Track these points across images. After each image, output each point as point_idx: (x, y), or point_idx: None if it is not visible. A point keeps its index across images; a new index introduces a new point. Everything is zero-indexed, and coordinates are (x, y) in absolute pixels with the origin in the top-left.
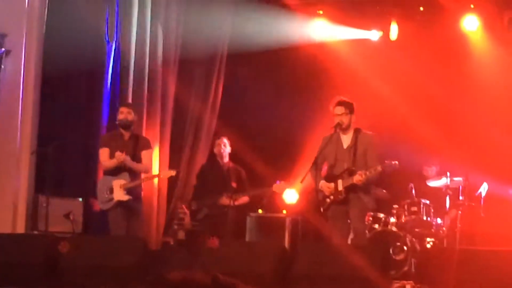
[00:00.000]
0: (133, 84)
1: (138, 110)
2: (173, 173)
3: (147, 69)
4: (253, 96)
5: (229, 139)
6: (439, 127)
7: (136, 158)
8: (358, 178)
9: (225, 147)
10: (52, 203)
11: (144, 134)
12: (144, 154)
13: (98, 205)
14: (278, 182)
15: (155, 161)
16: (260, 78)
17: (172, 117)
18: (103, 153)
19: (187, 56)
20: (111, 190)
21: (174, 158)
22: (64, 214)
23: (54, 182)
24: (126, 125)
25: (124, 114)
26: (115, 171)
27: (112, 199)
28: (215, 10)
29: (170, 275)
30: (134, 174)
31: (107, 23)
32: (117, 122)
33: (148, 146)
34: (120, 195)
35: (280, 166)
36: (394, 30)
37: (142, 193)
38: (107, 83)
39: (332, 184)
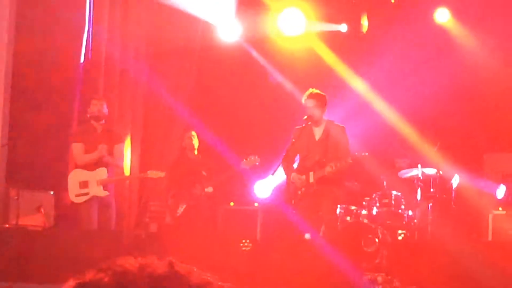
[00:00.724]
0: (105, 77)
1: (110, 103)
2: (162, 174)
3: (119, 62)
4: (225, 89)
5: (201, 131)
6: (411, 119)
7: (109, 151)
8: (328, 170)
9: (194, 140)
10: (23, 196)
11: (115, 127)
12: (116, 148)
13: (68, 198)
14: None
15: (126, 154)
16: (232, 71)
17: (144, 110)
18: (77, 148)
19: (159, 49)
20: (85, 184)
21: (146, 151)
22: (35, 207)
23: (25, 174)
24: (98, 118)
25: (97, 106)
26: (91, 165)
27: (87, 193)
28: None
29: (126, 262)
30: (111, 169)
31: (79, 15)
32: (88, 115)
33: (120, 140)
34: (97, 190)
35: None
36: (365, 23)
37: (114, 186)
38: (78, 75)
39: (304, 176)
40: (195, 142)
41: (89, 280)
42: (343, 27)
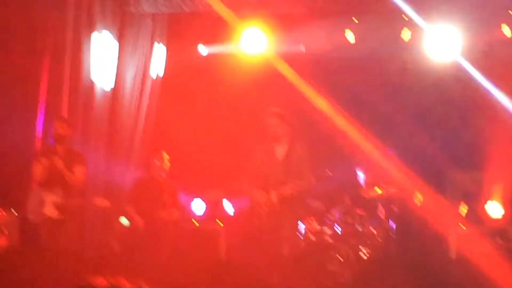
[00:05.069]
0: (70, 97)
1: (73, 124)
2: (107, 203)
3: (82, 82)
4: (186, 107)
5: (164, 149)
6: (375, 137)
7: (70, 172)
8: (288, 190)
9: (164, 162)
10: None
11: (79, 148)
12: (77, 169)
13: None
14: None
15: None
16: (194, 89)
17: (107, 130)
18: (37, 168)
19: (122, 69)
20: (43, 204)
21: (109, 170)
22: None
23: None
24: (60, 140)
25: (58, 128)
26: (49, 185)
27: (43, 213)
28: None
29: (97, 281)
30: (68, 191)
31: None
32: (51, 137)
33: (81, 161)
34: (50, 211)
35: (217, 176)
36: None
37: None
38: (42, 94)
39: (266, 195)
40: (165, 164)
41: None
42: (302, 47)
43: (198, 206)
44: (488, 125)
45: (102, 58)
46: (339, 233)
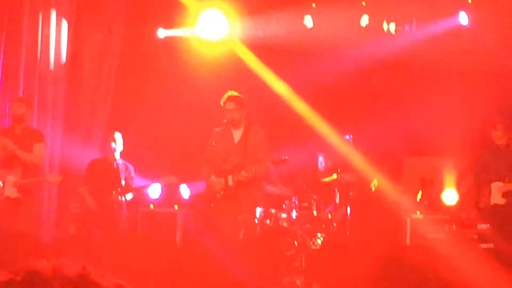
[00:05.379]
0: (24, 77)
1: (30, 103)
2: (58, 179)
3: (39, 62)
4: (144, 91)
5: (121, 132)
6: (333, 122)
7: (29, 151)
8: (244, 174)
9: (118, 143)
10: None
11: (35, 127)
12: (35, 146)
13: None
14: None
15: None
16: (152, 73)
17: (65, 110)
18: None
19: (79, 50)
20: (3, 184)
21: (66, 151)
22: None
23: None
24: (17, 119)
25: (15, 108)
26: (8, 166)
27: (2, 193)
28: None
29: (40, 263)
30: (27, 170)
31: None
32: (8, 116)
33: (40, 139)
34: (10, 191)
35: (173, 159)
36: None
37: (34, 187)
38: None
39: (223, 179)
40: (119, 145)
41: (1, 280)
42: (260, 32)
43: (154, 190)
44: (443, 111)
45: (59, 38)
46: (295, 217)
